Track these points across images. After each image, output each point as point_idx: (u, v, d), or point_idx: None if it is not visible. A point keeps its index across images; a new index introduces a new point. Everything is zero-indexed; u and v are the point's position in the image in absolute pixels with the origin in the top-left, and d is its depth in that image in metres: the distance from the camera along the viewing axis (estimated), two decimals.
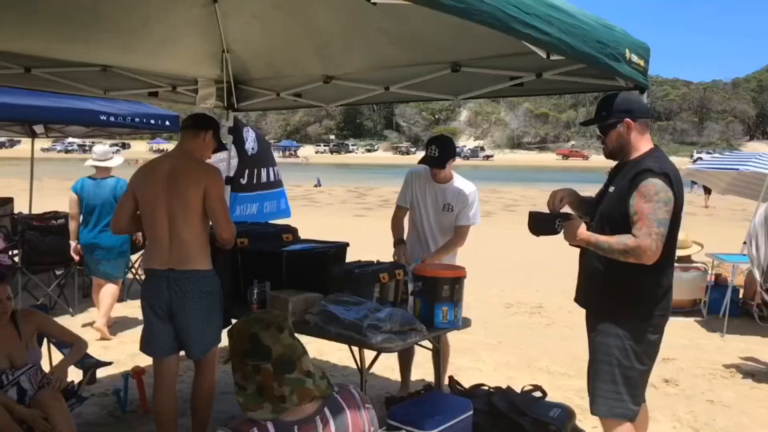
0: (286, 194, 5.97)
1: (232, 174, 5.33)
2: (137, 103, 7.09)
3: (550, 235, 2.93)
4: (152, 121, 7.35)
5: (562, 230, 2.85)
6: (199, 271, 3.26)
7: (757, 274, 5.00)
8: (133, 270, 7.85)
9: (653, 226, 2.60)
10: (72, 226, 5.97)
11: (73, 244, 5.98)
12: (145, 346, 3.41)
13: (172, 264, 3.22)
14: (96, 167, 5.98)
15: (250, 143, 5.40)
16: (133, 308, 6.88)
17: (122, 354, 5.16)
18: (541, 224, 2.95)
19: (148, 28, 3.94)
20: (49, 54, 4.08)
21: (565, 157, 79.77)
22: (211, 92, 5.04)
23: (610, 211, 2.81)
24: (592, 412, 2.89)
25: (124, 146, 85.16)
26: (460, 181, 4.11)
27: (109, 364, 3.93)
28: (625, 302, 2.78)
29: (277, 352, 1.72)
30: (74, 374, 3.97)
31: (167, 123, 7.45)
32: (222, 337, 3.43)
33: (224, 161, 5.48)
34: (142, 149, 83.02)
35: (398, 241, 4.14)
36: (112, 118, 6.79)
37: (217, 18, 4.15)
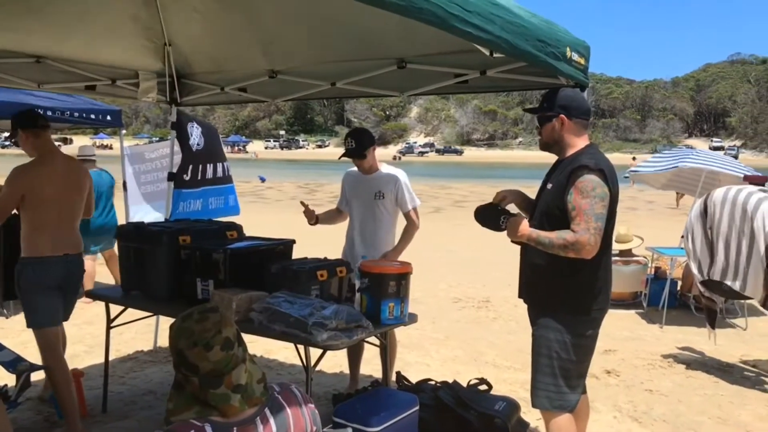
0: (235, 191, 5.87)
1: (175, 170, 5.20)
2: (78, 97, 6.85)
3: (494, 230, 2.99)
4: (93, 116, 7.09)
5: (506, 227, 2.90)
6: (81, 253, 3.90)
7: (694, 267, 5.17)
8: None
9: (591, 221, 2.66)
10: None
11: None
12: (44, 320, 3.72)
13: (67, 250, 3.75)
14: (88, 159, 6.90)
15: (195, 138, 5.28)
16: None
17: None
18: (488, 218, 3.02)
19: (83, 15, 3.79)
20: None
21: None
22: (152, 86, 4.90)
23: (548, 207, 2.86)
24: (533, 405, 2.94)
25: (66, 142, 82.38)
26: (387, 169, 4.19)
27: (45, 367, 3.78)
28: (565, 297, 2.83)
29: (204, 368, 1.67)
30: (7, 378, 3.82)
31: (108, 118, 7.20)
32: None
33: (167, 156, 5.35)
34: (84, 144, 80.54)
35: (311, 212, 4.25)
36: (49, 113, 6.50)
37: (158, 10, 4.04)
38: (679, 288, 7.42)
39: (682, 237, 5.81)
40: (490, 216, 3.01)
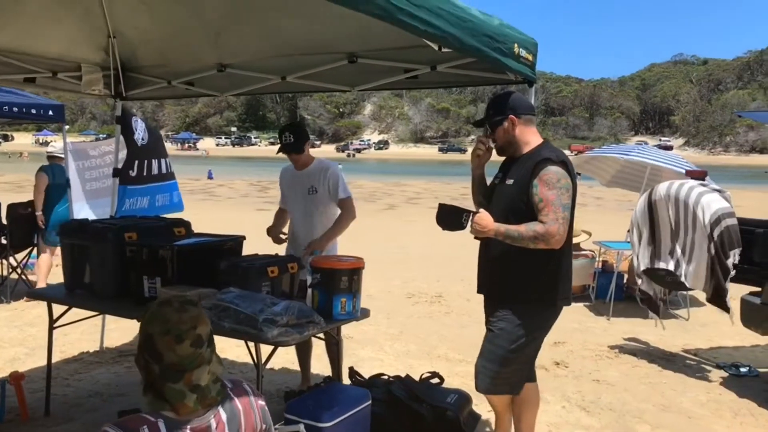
0: (178, 187, 5.77)
1: (120, 165, 5.07)
2: (19, 92, 6.60)
3: (458, 230, 2.97)
4: (33, 111, 6.84)
5: (469, 225, 2.91)
6: None
7: (635, 260, 5.32)
8: (18, 270, 7.33)
9: (559, 212, 2.72)
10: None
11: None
12: None
13: None
14: (57, 156, 7.18)
15: (140, 133, 5.16)
16: (12, 311, 6.43)
17: None
18: (448, 220, 2.99)
19: (20, 2, 3.64)
20: None
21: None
22: (96, 79, 4.75)
23: (512, 202, 2.88)
24: (476, 388, 2.99)
25: (6, 138, 79.35)
26: (319, 163, 4.13)
27: None
28: (533, 289, 2.87)
29: (168, 359, 1.64)
30: None
31: (50, 113, 6.96)
32: None
33: (112, 153, 5.21)
34: (26, 141, 77.74)
35: (270, 228, 4.16)
36: None
37: (101, 0, 3.93)
38: (625, 281, 7.63)
39: (628, 231, 5.96)
40: (451, 217, 2.99)
